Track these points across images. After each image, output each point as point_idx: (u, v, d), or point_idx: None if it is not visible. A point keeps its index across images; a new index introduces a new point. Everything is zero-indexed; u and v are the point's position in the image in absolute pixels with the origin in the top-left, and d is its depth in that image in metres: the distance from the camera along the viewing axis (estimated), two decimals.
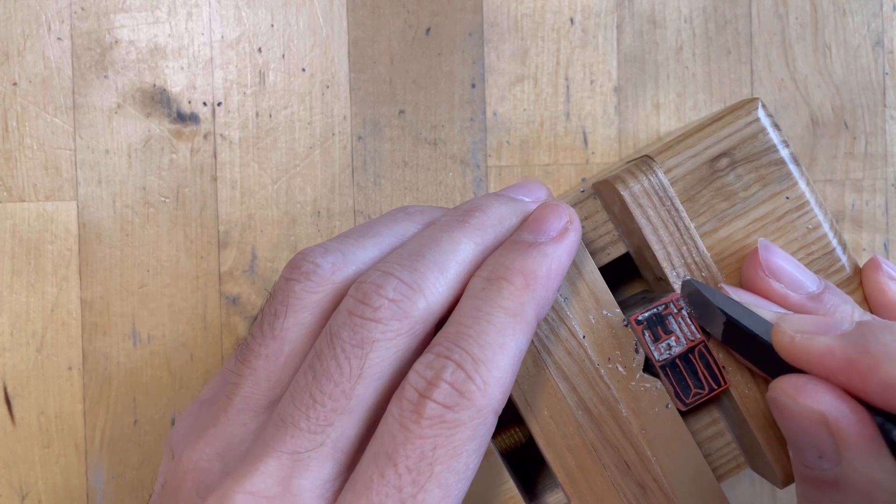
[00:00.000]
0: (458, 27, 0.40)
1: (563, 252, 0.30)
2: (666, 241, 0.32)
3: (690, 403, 0.32)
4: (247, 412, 0.30)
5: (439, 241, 0.30)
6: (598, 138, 0.40)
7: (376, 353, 0.28)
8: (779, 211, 0.33)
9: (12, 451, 0.38)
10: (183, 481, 0.30)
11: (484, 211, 0.31)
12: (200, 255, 0.39)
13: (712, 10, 0.40)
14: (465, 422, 0.27)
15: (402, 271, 0.29)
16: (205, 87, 0.39)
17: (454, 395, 0.27)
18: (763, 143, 0.32)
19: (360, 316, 0.28)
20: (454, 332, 0.28)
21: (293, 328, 0.30)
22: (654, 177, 0.32)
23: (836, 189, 0.41)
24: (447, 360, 0.27)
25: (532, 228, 0.31)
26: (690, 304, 0.32)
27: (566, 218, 0.31)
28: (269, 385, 0.30)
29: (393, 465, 0.27)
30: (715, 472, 0.34)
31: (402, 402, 0.27)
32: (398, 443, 0.27)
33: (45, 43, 0.38)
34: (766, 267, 0.32)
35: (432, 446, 0.27)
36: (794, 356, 0.28)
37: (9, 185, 0.38)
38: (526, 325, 0.29)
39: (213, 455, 0.30)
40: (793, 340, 0.28)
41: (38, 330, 0.38)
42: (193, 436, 0.31)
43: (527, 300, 0.29)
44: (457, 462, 0.27)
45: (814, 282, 0.32)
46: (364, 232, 0.32)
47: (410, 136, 0.40)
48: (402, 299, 0.28)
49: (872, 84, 0.41)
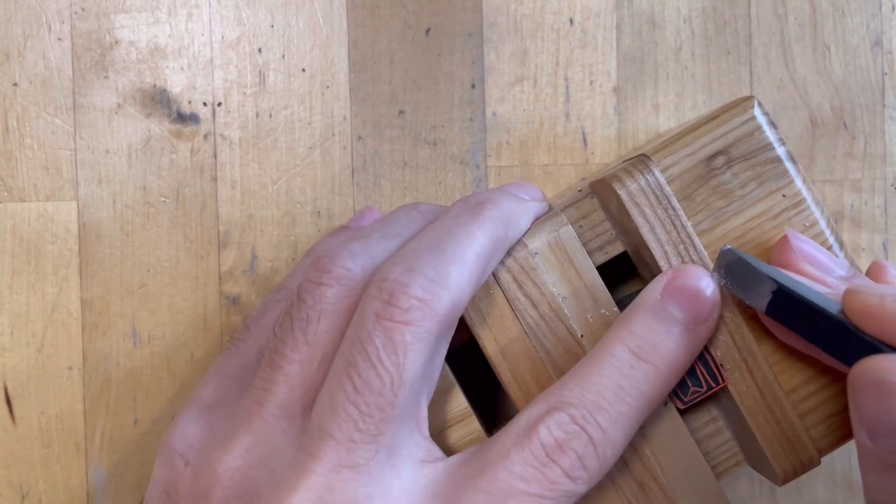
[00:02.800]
0: (457, 27, 0.40)
1: (702, 343, 0.31)
2: (663, 239, 0.32)
3: (689, 401, 0.32)
4: (284, 419, 0.29)
5: (456, 234, 0.30)
6: (597, 138, 0.40)
7: (412, 357, 0.28)
8: (775, 209, 0.33)
9: (12, 450, 0.38)
10: (209, 488, 0.29)
11: (495, 204, 0.31)
12: (200, 255, 0.39)
13: (711, 10, 0.41)
14: (579, 494, 0.29)
15: (426, 267, 0.29)
16: (205, 87, 0.39)
17: (579, 469, 0.28)
18: (759, 141, 0.32)
19: (389, 319, 0.28)
20: (593, 402, 0.29)
21: (326, 334, 0.30)
22: (651, 175, 0.32)
23: (835, 189, 0.41)
24: (582, 432, 0.28)
25: (685, 304, 0.30)
26: (728, 275, 0.31)
27: (716, 301, 0.31)
28: (303, 390, 0.30)
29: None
30: (714, 469, 0.34)
31: (525, 453, 0.28)
32: (514, 493, 0.28)
33: (46, 43, 0.38)
34: (798, 252, 0.31)
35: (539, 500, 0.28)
36: (881, 320, 0.27)
37: (9, 185, 0.38)
38: (652, 409, 0.30)
39: (254, 460, 0.29)
40: (882, 302, 0.27)
41: (39, 330, 0.38)
42: (220, 440, 0.30)
43: (663, 391, 0.30)
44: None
45: (843, 266, 0.31)
46: (385, 232, 0.32)
47: (410, 137, 0.40)
48: (430, 297, 0.28)
49: (871, 84, 0.41)
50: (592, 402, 0.29)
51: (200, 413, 0.32)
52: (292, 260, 0.39)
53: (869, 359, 0.27)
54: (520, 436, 0.28)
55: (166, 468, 0.31)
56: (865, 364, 0.27)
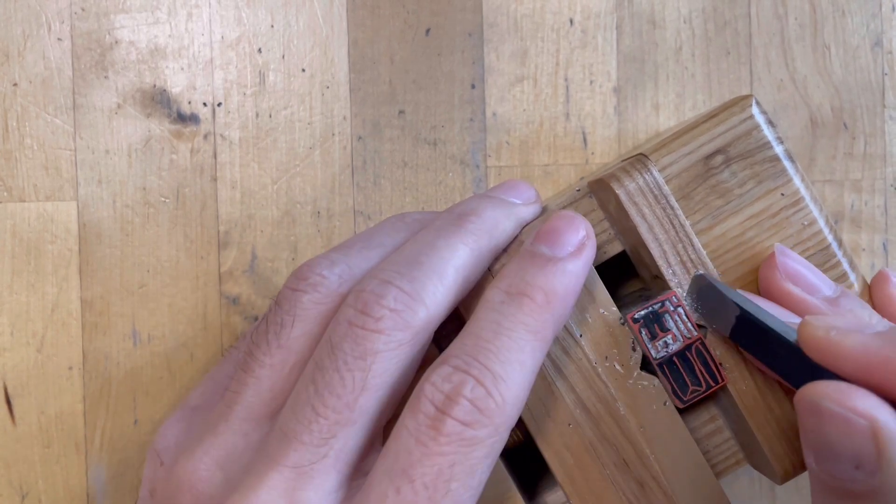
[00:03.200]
0: (457, 27, 0.40)
1: (581, 269, 0.30)
2: (661, 238, 0.32)
3: (688, 401, 0.32)
4: (248, 422, 0.30)
5: (436, 247, 0.30)
6: (597, 138, 0.40)
7: (379, 365, 0.28)
8: (774, 207, 0.33)
9: (12, 450, 0.38)
10: (178, 491, 0.29)
11: (479, 215, 0.31)
12: (200, 255, 0.39)
13: (711, 10, 0.41)
14: (484, 439, 0.27)
15: (402, 280, 0.29)
16: (205, 87, 0.39)
17: (474, 413, 0.27)
18: (757, 139, 0.32)
19: (361, 327, 0.28)
20: (472, 344, 0.28)
21: (299, 339, 0.30)
22: (649, 175, 0.32)
23: (835, 189, 0.41)
24: (467, 375, 0.27)
25: (550, 241, 0.30)
26: (699, 300, 0.32)
27: (583, 232, 0.31)
28: (272, 395, 0.30)
29: (409, 482, 0.27)
30: (713, 468, 0.34)
31: (418, 416, 0.27)
32: (415, 459, 0.27)
33: (46, 43, 0.38)
34: (783, 270, 0.31)
35: (450, 463, 0.27)
36: (827, 352, 0.27)
37: (9, 185, 0.38)
38: (545, 344, 0.29)
39: (213, 464, 0.29)
40: (828, 335, 0.27)
41: (39, 330, 0.38)
42: (189, 443, 0.30)
43: (547, 318, 0.29)
44: (472, 479, 0.27)
45: (830, 286, 0.32)
46: (367, 243, 0.32)
47: (410, 137, 0.40)
48: (403, 309, 0.28)
49: (871, 84, 0.41)
50: (472, 346, 0.28)
51: (184, 415, 0.32)
52: (292, 260, 0.39)
53: (810, 384, 0.27)
54: (411, 404, 0.28)
55: (150, 468, 0.32)
56: (806, 389, 0.27)
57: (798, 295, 0.31)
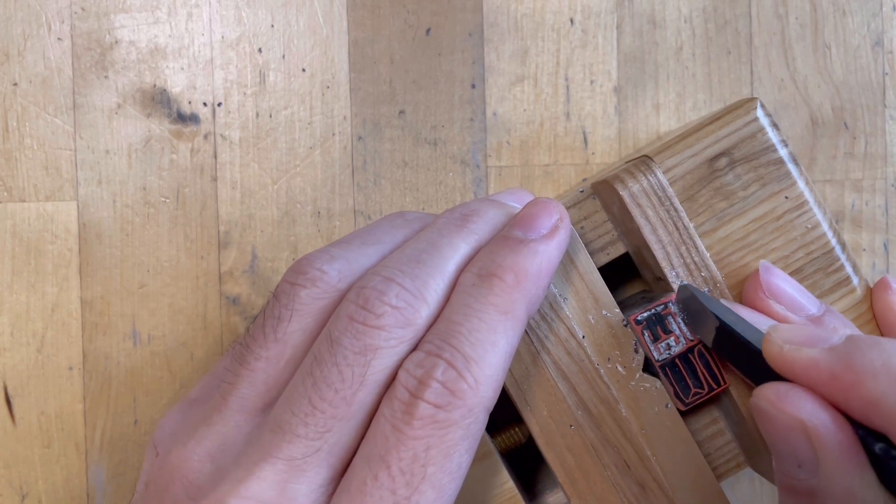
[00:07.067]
0: (458, 27, 0.40)
1: (553, 249, 0.30)
2: (665, 240, 0.32)
3: (690, 403, 0.32)
4: (242, 414, 0.29)
5: (439, 246, 0.30)
6: (598, 138, 0.40)
7: (379, 361, 0.28)
8: (778, 210, 0.33)
9: (12, 450, 0.38)
10: (170, 480, 0.29)
11: (481, 216, 0.31)
12: (200, 255, 0.39)
13: (712, 10, 0.41)
14: (457, 421, 0.27)
15: (405, 278, 0.29)
16: (205, 87, 0.39)
17: (446, 395, 0.27)
18: (762, 142, 0.32)
19: (362, 322, 0.28)
20: (444, 328, 0.28)
21: (296, 333, 0.30)
22: (653, 176, 0.32)
23: (835, 189, 0.41)
24: (438, 359, 0.27)
25: (523, 225, 0.30)
26: (684, 310, 0.32)
27: (556, 215, 0.31)
28: (267, 388, 0.30)
29: (386, 468, 0.27)
30: (715, 471, 0.34)
31: (394, 402, 0.27)
32: (391, 445, 0.27)
33: (46, 43, 0.38)
34: (766, 288, 0.32)
35: (425, 447, 0.27)
36: (782, 366, 0.28)
37: (9, 185, 0.38)
38: (517, 323, 0.29)
39: (205, 455, 0.29)
40: (781, 350, 0.28)
41: (39, 330, 0.38)
42: (183, 434, 0.30)
43: (518, 297, 0.29)
44: (449, 462, 0.27)
45: (814, 304, 0.32)
46: (366, 238, 0.32)
47: (410, 137, 0.40)
48: (405, 307, 0.28)
49: (872, 84, 0.41)
50: (444, 329, 0.28)
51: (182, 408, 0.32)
52: (292, 260, 0.39)
53: (759, 387, 0.28)
54: (388, 391, 0.28)
55: (147, 459, 0.31)
56: (755, 391, 0.29)
57: (780, 313, 0.32)
